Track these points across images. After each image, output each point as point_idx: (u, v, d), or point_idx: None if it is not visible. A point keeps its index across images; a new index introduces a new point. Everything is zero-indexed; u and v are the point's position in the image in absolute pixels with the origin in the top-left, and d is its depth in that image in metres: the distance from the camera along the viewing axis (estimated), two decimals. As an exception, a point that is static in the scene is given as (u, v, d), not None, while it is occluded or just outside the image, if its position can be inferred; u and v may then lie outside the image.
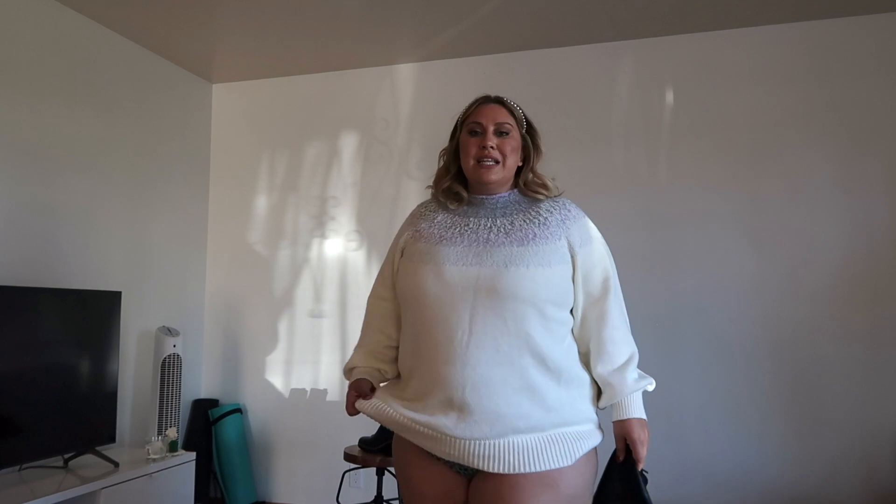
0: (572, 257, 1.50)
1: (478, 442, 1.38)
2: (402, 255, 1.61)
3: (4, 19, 2.81)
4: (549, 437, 1.41)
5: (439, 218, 1.60)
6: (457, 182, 1.62)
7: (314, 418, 3.70)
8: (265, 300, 3.85)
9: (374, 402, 1.54)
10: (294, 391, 3.77)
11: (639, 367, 1.54)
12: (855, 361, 2.97)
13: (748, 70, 3.20)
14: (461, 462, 1.41)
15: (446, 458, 1.44)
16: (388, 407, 1.51)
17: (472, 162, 1.55)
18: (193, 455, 3.16)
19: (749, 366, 3.08)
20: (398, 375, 1.61)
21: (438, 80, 3.65)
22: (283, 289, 3.84)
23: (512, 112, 1.59)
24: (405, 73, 3.72)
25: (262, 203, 3.93)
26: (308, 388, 3.75)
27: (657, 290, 3.21)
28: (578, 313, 1.52)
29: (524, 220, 1.54)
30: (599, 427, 1.50)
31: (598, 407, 1.52)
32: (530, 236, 1.50)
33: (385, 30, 3.32)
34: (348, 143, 3.81)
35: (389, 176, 3.70)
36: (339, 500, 3.16)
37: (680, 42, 3.30)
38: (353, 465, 3.07)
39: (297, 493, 3.70)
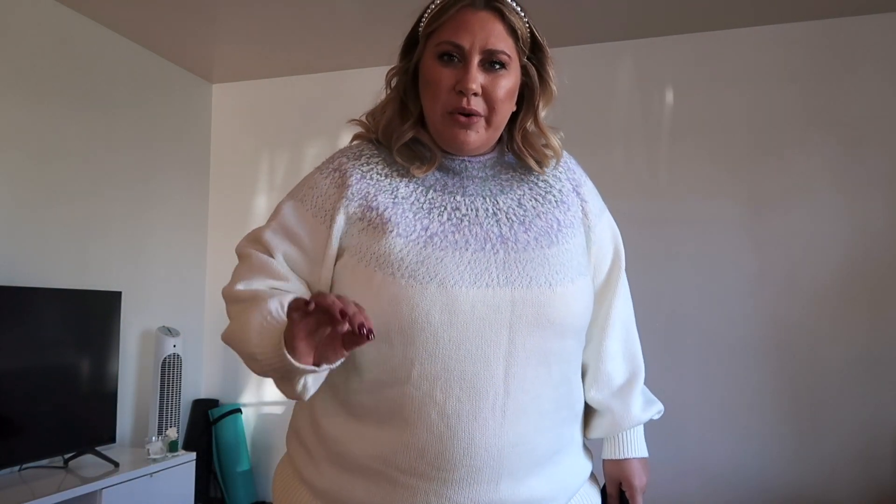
0: (587, 243, 1.07)
1: None
2: (340, 254, 0.98)
3: (4, 19, 2.81)
4: (583, 493, 1.08)
5: (402, 191, 1.00)
6: (424, 131, 1.03)
7: (314, 418, 3.69)
8: (265, 300, 3.85)
9: None
10: (294, 391, 3.76)
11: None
12: (855, 361, 2.97)
13: (748, 70, 3.20)
14: None
15: None
16: None
17: (440, 111, 0.98)
18: (193, 455, 3.16)
19: (749, 366, 3.08)
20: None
21: (438, 80, 3.64)
22: (283, 289, 3.83)
23: (513, 29, 0.98)
24: (405, 73, 3.72)
25: (262, 203, 3.93)
26: (308, 388, 3.75)
27: (657, 290, 3.21)
28: None
29: (535, 198, 1.04)
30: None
31: (585, 435, 1.12)
32: (554, 227, 1.02)
33: (385, 30, 3.31)
34: (348, 143, 3.80)
35: (389, 176, 3.69)
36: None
37: (680, 42, 3.30)
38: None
39: (297, 493, 3.70)
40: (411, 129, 1.02)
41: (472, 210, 1.00)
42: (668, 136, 3.30)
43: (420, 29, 1.03)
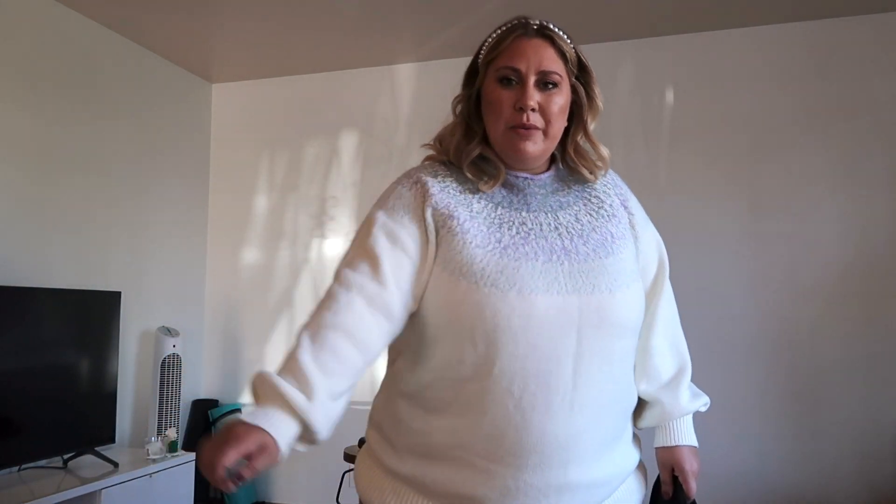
0: (636, 252, 1.19)
1: None
2: (435, 258, 1.08)
3: (4, 19, 2.81)
4: (630, 489, 1.19)
5: (475, 206, 1.11)
6: (489, 148, 1.14)
7: (314, 418, 3.69)
8: (265, 300, 3.85)
9: None
10: (294, 391, 3.76)
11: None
12: (855, 361, 2.97)
13: (748, 70, 3.20)
14: None
15: None
16: None
17: (502, 128, 1.10)
18: (193, 455, 3.15)
19: (749, 366, 3.08)
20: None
21: (438, 80, 3.64)
22: (283, 289, 3.83)
23: (563, 53, 1.12)
24: (405, 73, 3.72)
25: (261, 203, 3.93)
26: (308, 389, 3.75)
27: (657, 291, 3.21)
28: None
29: (590, 214, 1.16)
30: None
31: (636, 425, 1.22)
32: (609, 239, 1.14)
33: (385, 30, 3.32)
34: (348, 143, 3.80)
35: (389, 176, 3.63)
36: (339, 500, 3.16)
37: (680, 42, 3.30)
38: (353, 466, 3.08)
39: (297, 493, 3.70)
40: (477, 147, 1.13)
41: (536, 225, 1.11)
42: (668, 136, 3.30)
43: (479, 60, 1.15)
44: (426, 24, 3.24)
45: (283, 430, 0.92)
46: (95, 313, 2.95)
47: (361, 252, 1.07)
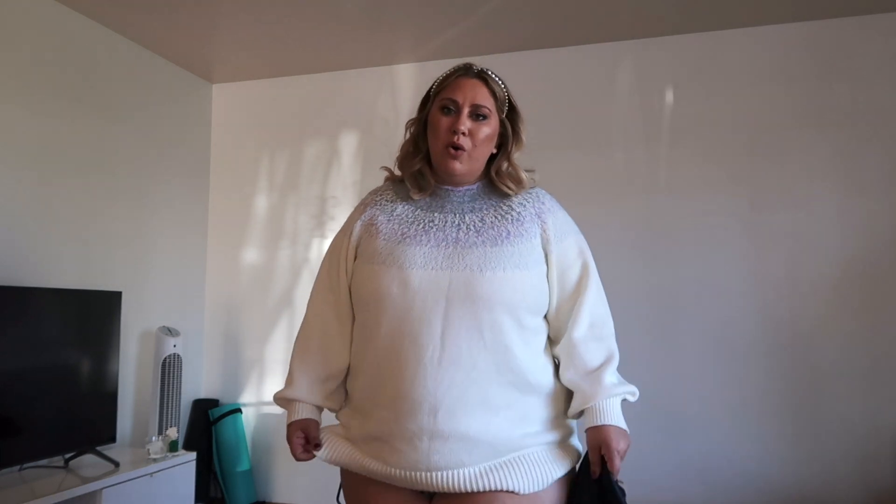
0: (546, 255, 1.38)
1: (454, 472, 1.26)
2: (356, 256, 1.43)
3: (4, 19, 2.81)
4: (531, 457, 1.30)
5: (399, 211, 1.42)
6: (427, 164, 1.43)
7: (314, 418, 3.69)
8: (265, 300, 3.85)
9: (342, 450, 1.41)
10: (294, 391, 3.76)
11: (633, 368, 1.38)
12: (855, 361, 2.97)
13: (748, 70, 3.20)
14: (432, 491, 1.30)
15: (417, 489, 1.32)
16: (359, 456, 1.37)
17: (440, 146, 1.37)
18: (193, 455, 3.16)
19: (748, 365, 3.08)
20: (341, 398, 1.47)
21: (438, 80, 3.64)
22: (283, 289, 3.84)
23: (494, 92, 1.39)
24: (405, 73, 3.72)
25: (262, 203, 3.93)
26: (308, 388, 3.75)
27: (657, 290, 3.21)
28: (552, 316, 1.38)
29: (496, 217, 1.38)
30: (580, 441, 1.41)
31: (568, 416, 1.39)
32: (503, 235, 1.35)
33: (385, 30, 3.32)
34: (348, 143, 3.81)
35: (389, 176, 3.70)
36: (339, 500, 3.16)
37: (680, 42, 3.30)
38: (353, 465, 3.08)
39: (297, 493, 3.70)
40: (419, 163, 1.43)
41: (441, 222, 1.38)
42: (668, 136, 3.30)
43: (431, 92, 1.44)
44: (426, 24, 3.24)
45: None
46: (96, 313, 2.95)
47: (324, 275, 1.49)
